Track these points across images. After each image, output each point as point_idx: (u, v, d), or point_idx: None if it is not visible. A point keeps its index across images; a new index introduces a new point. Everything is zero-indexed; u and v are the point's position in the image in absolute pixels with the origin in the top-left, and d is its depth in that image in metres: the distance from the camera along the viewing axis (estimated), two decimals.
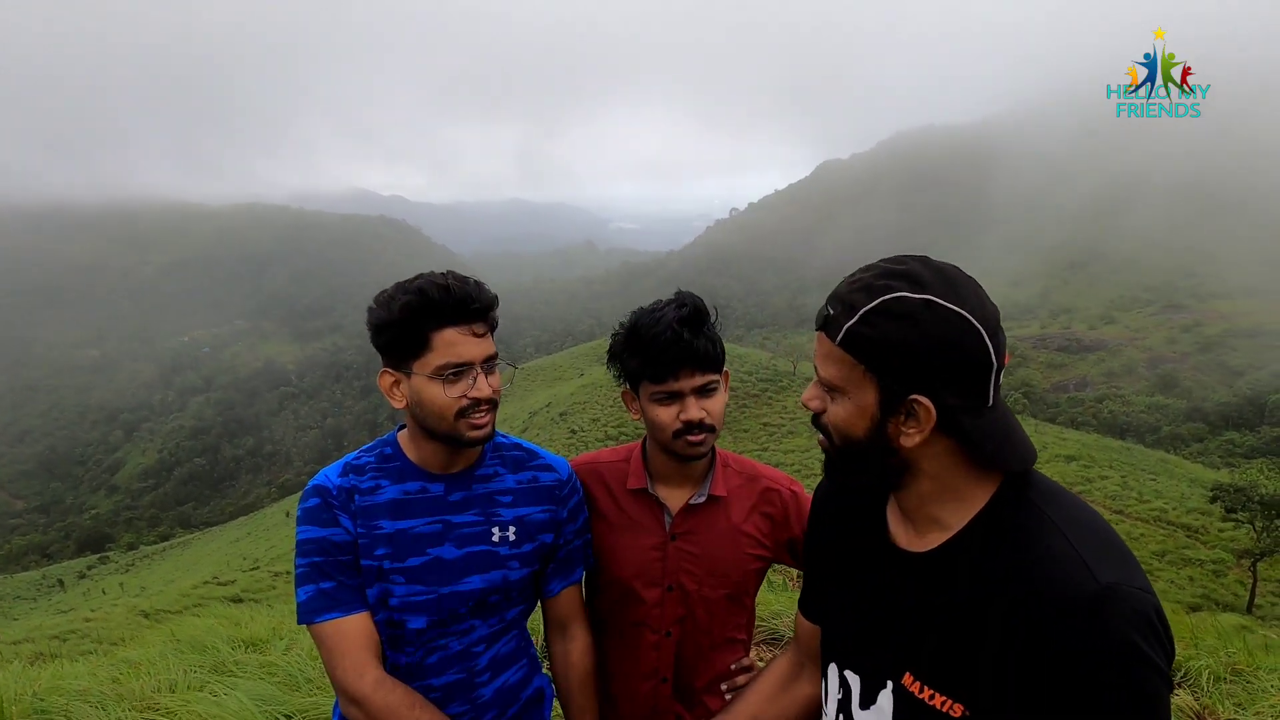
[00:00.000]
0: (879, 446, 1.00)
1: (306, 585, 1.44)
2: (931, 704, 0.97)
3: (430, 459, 1.53)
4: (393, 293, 1.43)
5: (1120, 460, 44.96)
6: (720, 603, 1.68)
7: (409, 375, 1.44)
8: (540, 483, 1.64)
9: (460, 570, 1.51)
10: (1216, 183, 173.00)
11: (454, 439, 1.47)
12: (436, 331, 1.41)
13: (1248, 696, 3.48)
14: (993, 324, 0.94)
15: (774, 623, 4.31)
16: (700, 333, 1.56)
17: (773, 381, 61.48)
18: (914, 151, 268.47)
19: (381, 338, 1.44)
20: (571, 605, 1.71)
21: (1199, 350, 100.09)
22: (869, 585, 1.12)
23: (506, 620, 1.61)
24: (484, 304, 1.45)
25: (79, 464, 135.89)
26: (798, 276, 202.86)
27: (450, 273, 1.46)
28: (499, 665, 1.60)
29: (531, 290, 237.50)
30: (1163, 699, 0.84)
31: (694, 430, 1.57)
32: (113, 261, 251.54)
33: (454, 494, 1.54)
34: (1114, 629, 0.83)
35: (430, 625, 1.50)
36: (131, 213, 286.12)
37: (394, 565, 1.47)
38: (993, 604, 0.92)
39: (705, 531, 1.68)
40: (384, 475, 1.52)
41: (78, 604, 32.66)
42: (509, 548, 1.56)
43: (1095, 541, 0.91)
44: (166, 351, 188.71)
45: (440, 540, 1.51)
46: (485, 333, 1.46)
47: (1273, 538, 28.00)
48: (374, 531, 1.47)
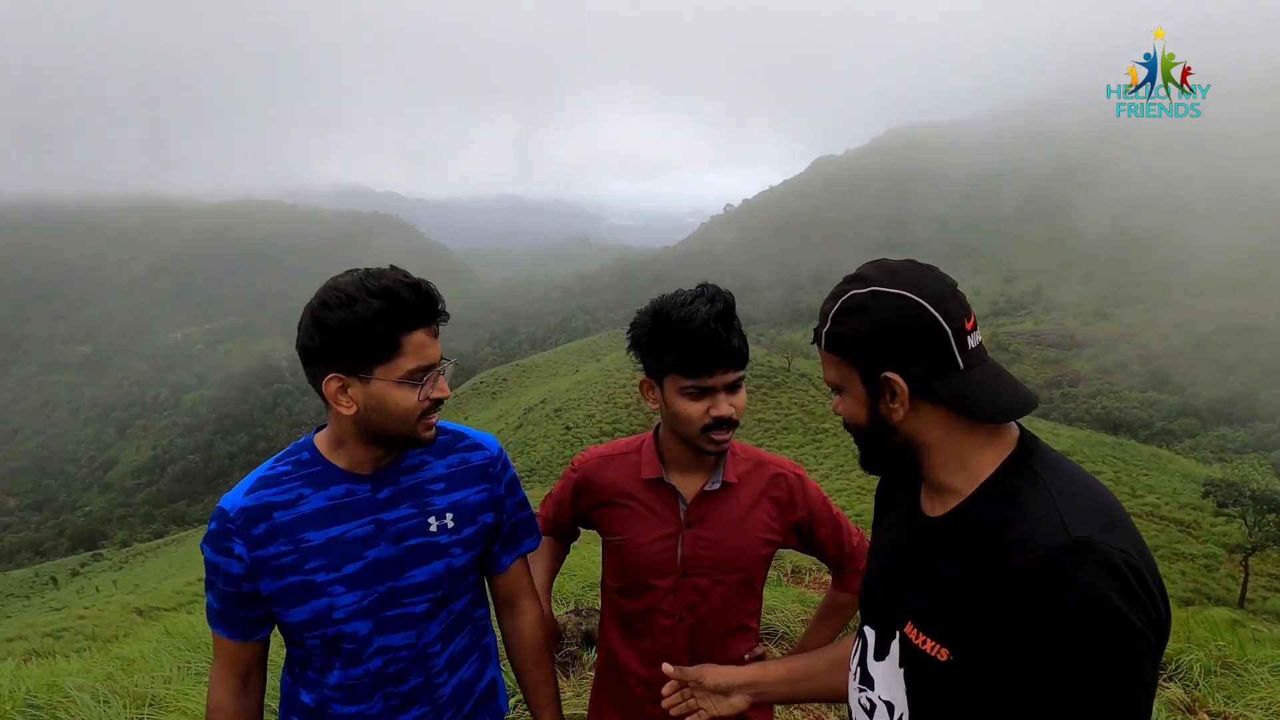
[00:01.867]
0: (880, 428, 1.11)
1: (207, 591, 1.46)
2: (924, 649, 1.05)
3: (359, 461, 1.45)
4: (353, 293, 1.31)
5: (1113, 456, 45.08)
6: (733, 588, 1.70)
7: (367, 380, 1.35)
8: (471, 463, 1.58)
9: (401, 566, 1.46)
10: (1210, 180, 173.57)
11: (410, 440, 1.43)
12: (408, 335, 1.35)
13: (1238, 689, 3.51)
14: (939, 296, 1.04)
15: (768, 617, 4.30)
16: (733, 329, 1.56)
17: (768, 378, 61.48)
18: (908, 148, 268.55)
19: (340, 342, 1.33)
20: (520, 580, 1.69)
21: (1192, 346, 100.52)
22: (896, 550, 1.21)
23: (455, 613, 1.56)
24: (441, 302, 1.40)
25: (72, 461, 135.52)
26: (793, 273, 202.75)
27: (399, 269, 1.39)
28: (456, 662, 1.57)
29: (525, 286, 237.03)
30: (1136, 650, 0.87)
31: (721, 427, 1.58)
32: (104, 259, 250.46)
33: (381, 491, 1.46)
34: (1080, 580, 0.87)
35: (378, 628, 1.45)
36: (122, 210, 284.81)
37: (330, 576, 1.40)
38: (978, 559, 1.00)
39: (718, 518, 1.69)
40: (305, 483, 1.43)
41: (71, 601, 32.57)
42: (449, 535, 1.51)
43: (1081, 503, 0.96)
44: (159, 348, 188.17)
45: (375, 541, 1.44)
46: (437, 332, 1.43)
47: (1264, 532, 28.15)
48: (302, 545, 1.40)
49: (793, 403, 58.85)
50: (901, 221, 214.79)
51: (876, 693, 1.17)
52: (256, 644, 1.48)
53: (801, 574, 6.46)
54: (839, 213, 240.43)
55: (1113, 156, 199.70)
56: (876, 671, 1.17)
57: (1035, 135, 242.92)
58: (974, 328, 1.06)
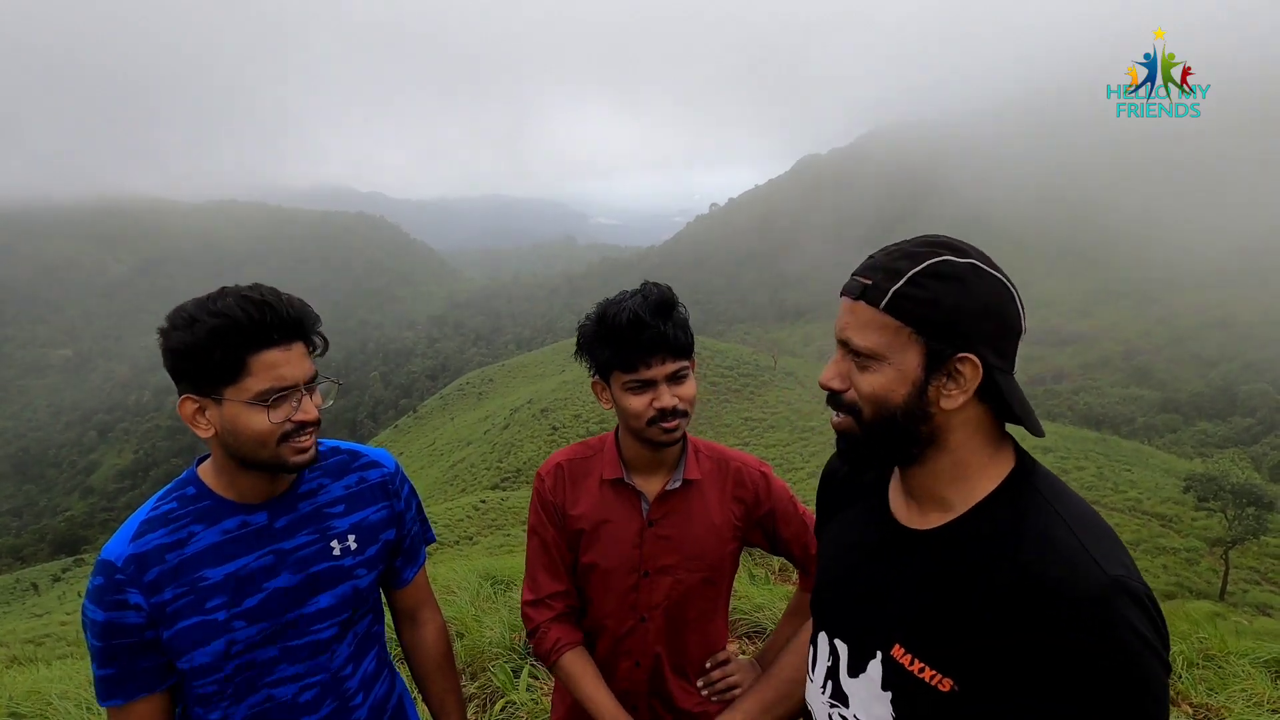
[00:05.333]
0: (916, 413, 1.00)
1: (94, 664, 1.35)
2: (920, 676, 0.98)
3: (248, 490, 1.40)
4: (194, 313, 1.26)
5: (1096, 451, 45.51)
6: (697, 587, 1.69)
7: (219, 402, 1.29)
8: (370, 481, 1.56)
9: (306, 593, 1.42)
10: (1196, 177, 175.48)
11: (276, 466, 1.35)
12: (255, 355, 1.28)
13: (1219, 681, 3.56)
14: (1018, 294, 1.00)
15: (756, 615, 4.32)
16: (669, 320, 1.55)
17: (754, 376, 61.78)
18: (893, 146, 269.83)
19: (185, 363, 1.27)
20: (421, 591, 1.69)
21: (1172, 342, 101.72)
22: (864, 558, 1.14)
23: (360, 634, 1.53)
24: (304, 319, 1.33)
25: (52, 466, 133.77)
26: (778, 272, 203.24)
27: (260, 286, 1.32)
28: (368, 682, 1.55)
29: (511, 286, 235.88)
30: (1166, 685, 0.87)
31: (668, 417, 1.57)
32: (84, 260, 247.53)
33: (279, 520, 1.42)
34: (1125, 621, 0.85)
35: (284, 656, 1.40)
36: (102, 211, 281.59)
37: (230, 612, 1.35)
38: (994, 588, 0.93)
39: (681, 516, 1.69)
40: (194, 520, 1.37)
41: (53, 607, 32.19)
42: (353, 557, 1.48)
43: (1098, 535, 0.93)
44: (141, 351, 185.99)
45: (275, 572, 1.39)
46: (304, 350, 1.35)
47: (1244, 526, 28.56)
48: (199, 585, 1.34)
49: (779, 401, 59.12)
50: (886, 220, 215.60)
51: (851, 710, 1.11)
52: (163, 698, 1.37)
53: (789, 572, 6.48)
54: (824, 212, 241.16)
55: (1101, 155, 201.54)
56: (851, 689, 1.11)
57: (1025, 134, 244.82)
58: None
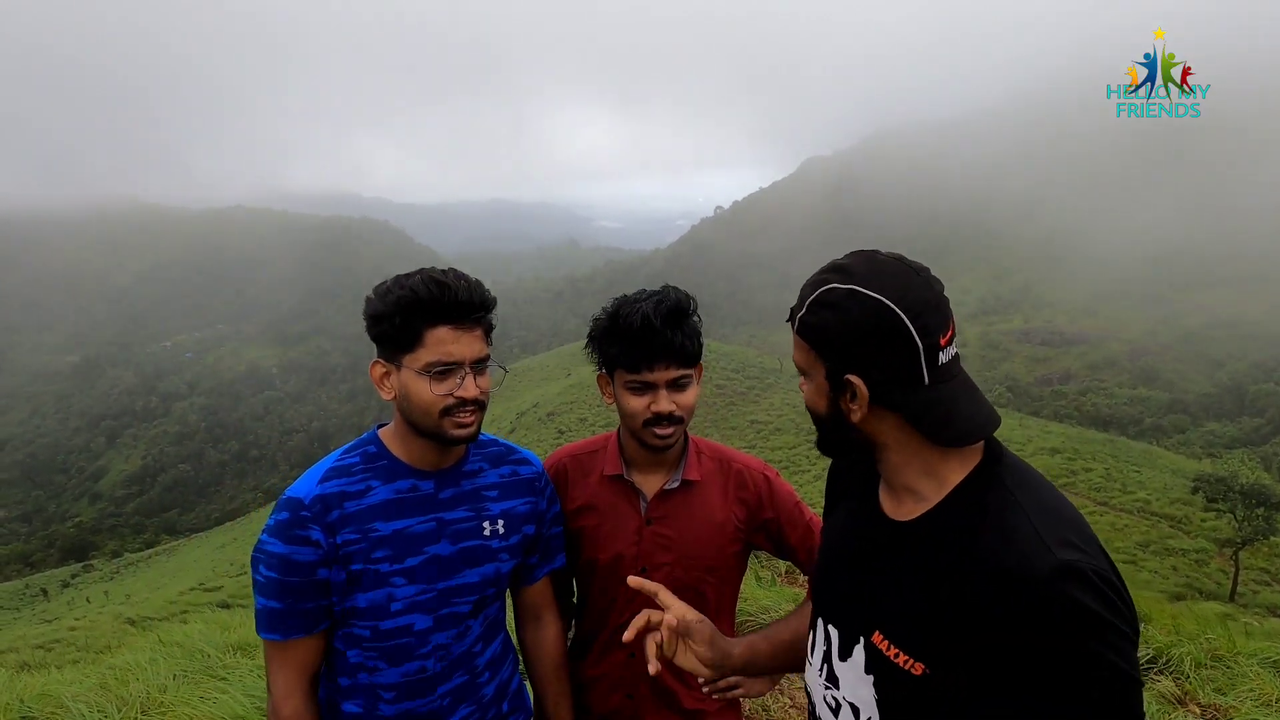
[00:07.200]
0: (841, 422, 1.09)
1: (259, 597, 1.44)
2: (896, 661, 1.03)
3: (419, 457, 1.53)
4: (390, 285, 1.42)
5: (1104, 452, 45.37)
6: (695, 586, 1.70)
7: (399, 368, 1.44)
8: (521, 476, 1.67)
9: (457, 565, 1.53)
10: (1196, 178, 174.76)
11: (438, 436, 1.47)
12: (429, 328, 1.41)
13: (1228, 681, 3.55)
14: (919, 307, 1.00)
15: (763, 617, 4.33)
16: (679, 327, 1.58)
17: (759, 379, 61.71)
18: (898, 147, 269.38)
19: (375, 329, 1.44)
20: (546, 593, 1.76)
21: (1179, 341, 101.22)
22: (854, 547, 1.19)
23: (490, 618, 1.63)
24: (480, 304, 1.45)
25: (61, 472, 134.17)
26: (783, 274, 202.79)
27: (451, 270, 1.46)
28: (495, 663, 1.64)
29: (516, 290, 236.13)
30: (1130, 657, 0.90)
31: (663, 422, 1.60)
32: (90, 267, 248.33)
33: (444, 491, 1.55)
34: (1072, 601, 0.88)
35: (434, 625, 1.51)
36: (108, 218, 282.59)
37: (394, 567, 1.47)
38: (958, 578, 0.97)
39: (680, 516, 1.71)
40: (373, 475, 1.50)
41: (62, 613, 32.27)
42: (500, 540, 1.59)
43: (1056, 523, 0.96)
44: (148, 357, 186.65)
45: (436, 538, 1.51)
46: (479, 333, 1.47)
47: (1253, 527, 28.34)
48: (370, 535, 1.46)
49: (785, 404, 59.01)
50: (891, 221, 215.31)
51: (842, 693, 1.16)
52: (320, 638, 1.48)
53: (795, 574, 6.47)
54: (829, 213, 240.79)
55: (1104, 156, 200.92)
56: (841, 672, 1.16)
57: (1027, 134, 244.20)
58: (949, 342, 1.03)
